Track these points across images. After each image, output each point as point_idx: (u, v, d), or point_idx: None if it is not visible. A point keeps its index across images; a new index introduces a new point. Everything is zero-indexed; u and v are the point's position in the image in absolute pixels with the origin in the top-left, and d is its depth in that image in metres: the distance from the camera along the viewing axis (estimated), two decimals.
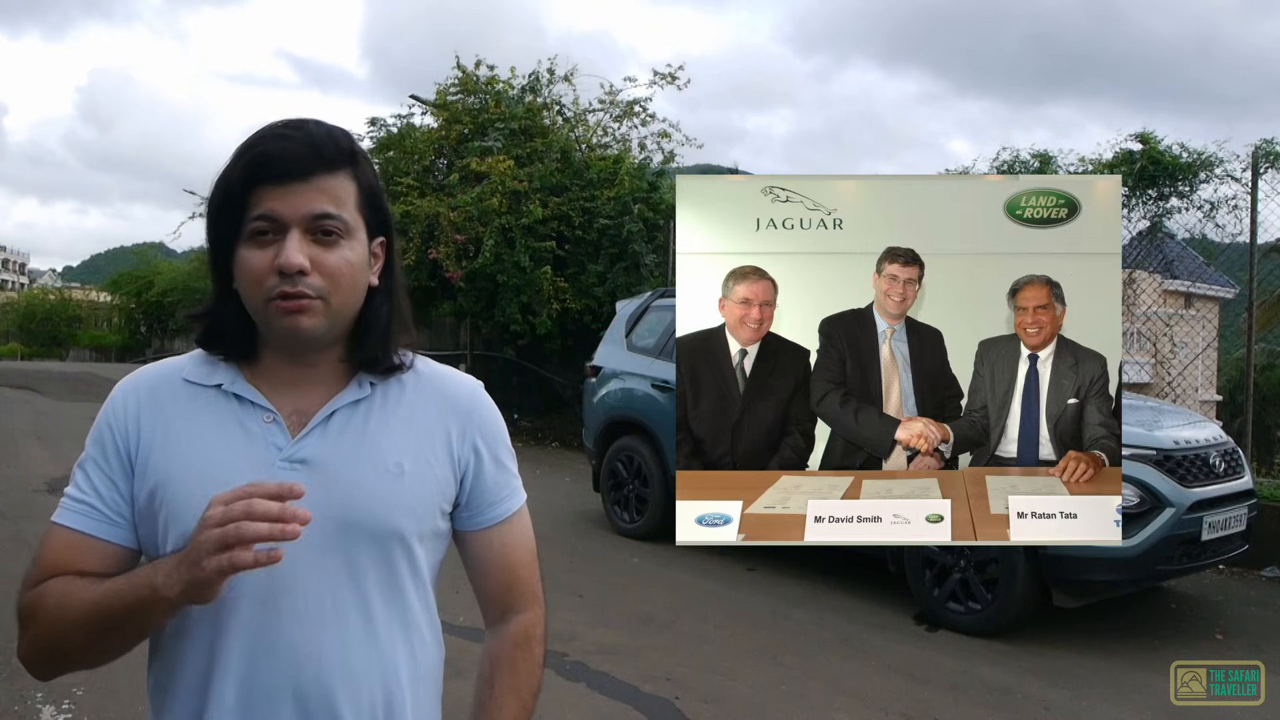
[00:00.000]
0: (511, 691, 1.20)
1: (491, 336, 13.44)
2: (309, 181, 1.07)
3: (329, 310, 1.09)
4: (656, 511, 6.56)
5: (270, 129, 1.10)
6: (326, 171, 1.09)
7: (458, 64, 12.96)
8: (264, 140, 1.09)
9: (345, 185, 1.10)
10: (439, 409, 1.21)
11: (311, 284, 1.07)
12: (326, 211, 1.08)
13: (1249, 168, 6.99)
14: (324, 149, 1.09)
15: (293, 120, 1.12)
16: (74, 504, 1.12)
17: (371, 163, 1.17)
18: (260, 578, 1.08)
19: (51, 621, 1.05)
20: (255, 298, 1.08)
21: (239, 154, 1.09)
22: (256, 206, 1.07)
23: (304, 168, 1.07)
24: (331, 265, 1.08)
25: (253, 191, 1.07)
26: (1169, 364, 8.25)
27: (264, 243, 1.07)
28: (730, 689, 4.06)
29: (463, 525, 1.23)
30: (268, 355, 1.16)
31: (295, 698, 1.08)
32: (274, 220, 1.07)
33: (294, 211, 1.07)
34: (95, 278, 75.72)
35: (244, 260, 1.08)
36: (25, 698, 3.75)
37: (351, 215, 1.11)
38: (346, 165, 1.11)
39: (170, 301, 29.93)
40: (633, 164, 12.32)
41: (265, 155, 1.07)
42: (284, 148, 1.07)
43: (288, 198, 1.06)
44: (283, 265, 1.05)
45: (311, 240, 1.08)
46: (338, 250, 1.09)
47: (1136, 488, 4.57)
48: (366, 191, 1.13)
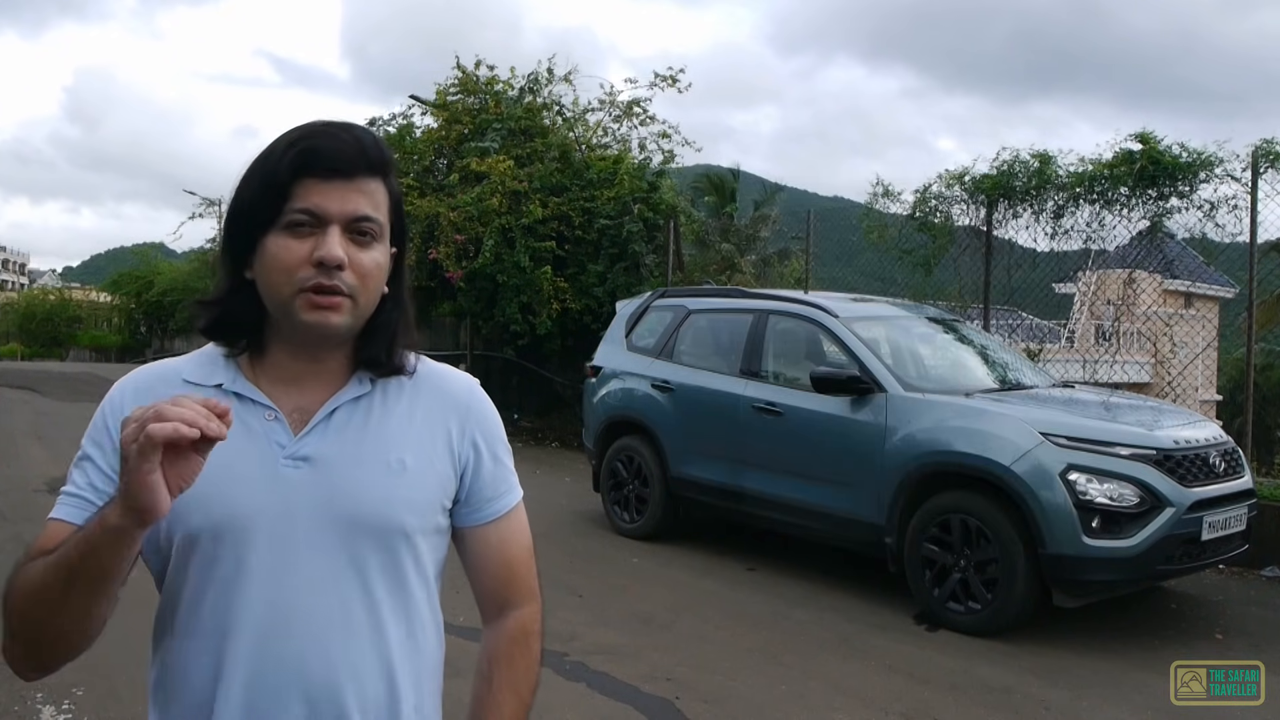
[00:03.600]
0: (509, 687, 1.21)
1: (491, 336, 13.44)
2: (353, 181, 1.10)
3: (355, 309, 1.11)
4: (656, 511, 6.56)
5: (319, 126, 1.13)
6: (369, 175, 1.11)
7: (457, 64, 12.98)
8: (314, 136, 1.10)
9: (381, 191, 1.13)
10: (439, 405, 1.22)
11: (346, 280, 1.09)
12: (367, 214, 1.10)
13: (1249, 168, 6.98)
14: (370, 153, 1.11)
15: (340, 122, 1.14)
16: (71, 499, 1.11)
17: None
18: (267, 577, 1.09)
19: (18, 598, 1.03)
20: (283, 288, 1.09)
21: (287, 145, 1.10)
22: (300, 199, 1.08)
23: (352, 167, 1.10)
24: (365, 265, 1.10)
25: (298, 183, 1.08)
26: (1169, 364, 8.25)
27: (301, 235, 1.08)
28: (730, 689, 4.06)
29: (461, 521, 1.24)
30: (274, 349, 1.16)
31: (302, 695, 1.08)
32: (316, 215, 1.08)
33: (339, 208, 1.08)
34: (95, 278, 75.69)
35: (277, 249, 1.08)
36: (25, 698, 3.75)
37: (384, 220, 1.14)
38: (385, 173, 1.14)
39: (170, 301, 29.91)
40: (632, 164, 12.32)
41: (315, 150, 1.09)
42: (334, 146, 1.09)
43: (333, 194, 1.08)
44: (325, 258, 1.07)
45: (348, 239, 1.10)
46: (370, 252, 1.11)
47: (1136, 488, 4.57)
48: (395, 200, 1.16)
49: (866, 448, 5.32)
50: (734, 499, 6.10)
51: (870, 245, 9.49)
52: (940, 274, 9.02)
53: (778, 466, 5.79)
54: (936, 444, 5.03)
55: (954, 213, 8.86)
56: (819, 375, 5.53)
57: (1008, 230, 8.61)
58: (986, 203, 8.47)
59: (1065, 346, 10.94)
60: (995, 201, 8.42)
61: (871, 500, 5.24)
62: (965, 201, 8.72)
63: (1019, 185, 8.26)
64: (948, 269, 9.01)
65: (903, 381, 5.38)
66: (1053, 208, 8.22)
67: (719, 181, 24.93)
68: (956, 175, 8.69)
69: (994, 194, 8.38)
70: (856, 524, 5.36)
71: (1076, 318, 11.69)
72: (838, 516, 5.46)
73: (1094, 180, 7.88)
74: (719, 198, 23.66)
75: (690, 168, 16.98)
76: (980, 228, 8.63)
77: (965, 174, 8.61)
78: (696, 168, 21.48)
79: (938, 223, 8.86)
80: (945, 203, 8.85)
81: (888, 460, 5.19)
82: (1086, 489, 4.56)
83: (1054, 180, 8.11)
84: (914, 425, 5.15)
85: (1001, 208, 8.45)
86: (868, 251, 9.86)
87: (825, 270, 11.14)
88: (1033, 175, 8.18)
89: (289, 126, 1.15)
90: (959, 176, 8.66)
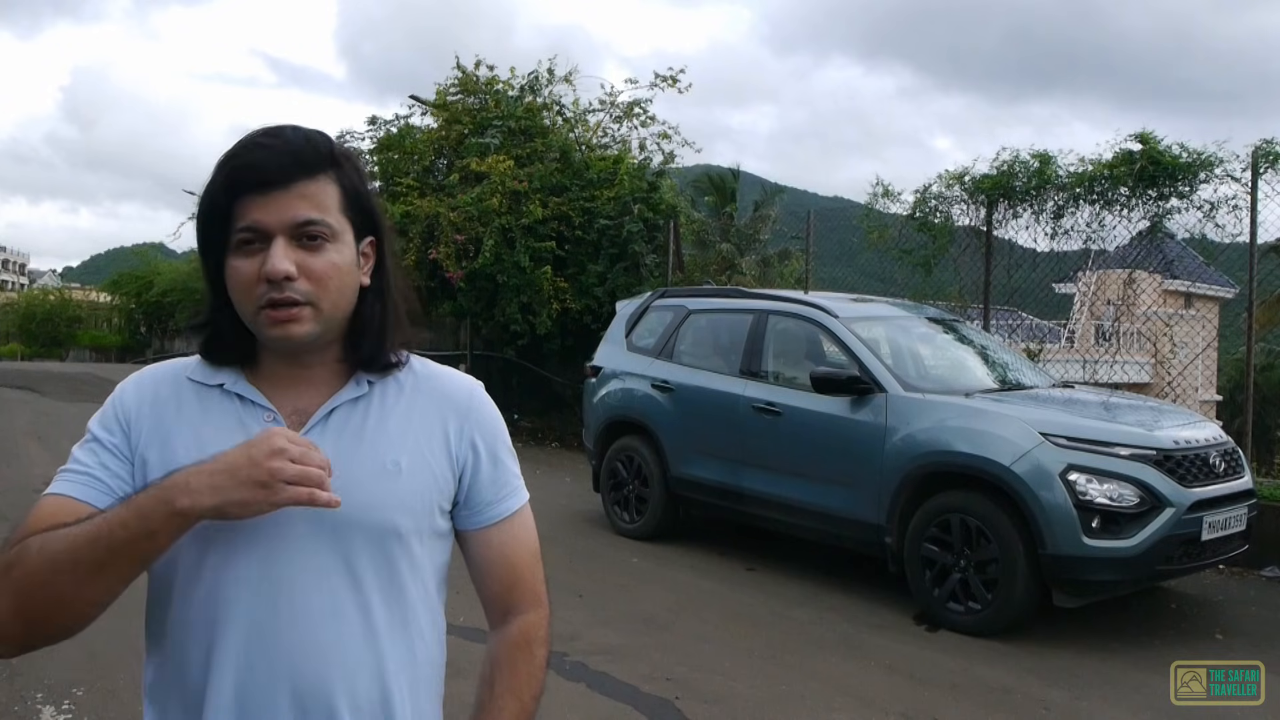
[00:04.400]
0: (511, 693, 1.20)
1: (491, 336, 13.43)
2: (290, 189, 1.09)
3: (319, 315, 1.11)
4: (656, 511, 6.56)
5: (249, 139, 1.12)
6: (306, 177, 1.10)
7: (457, 64, 12.98)
8: (243, 151, 1.10)
9: (327, 189, 1.12)
10: (437, 407, 1.22)
11: (299, 289, 1.09)
12: (309, 218, 1.09)
13: (1249, 168, 6.98)
14: (302, 155, 1.10)
15: (270, 128, 1.13)
16: (79, 475, 1.11)
17: (357, 163, 1.18)
18: (258, 577, 1.09)
19: (34, 568, 0.99)
20: (247, 307, 1.10)
21: (220, 166, 1.10)
22: (241, 218, 1.08)
23: (284, 175, 1.08)
24: (318, 269, 1.10)
25: (236, 203, 1.08)
26: (1169, 364, 8.25)
27: (251, 252, 1.09)
28: (730, 689, 4.06)
29: (463, 524, 1.23)
30: (266, 358, 1.17)
31: (292, 694, 1.09)
32: (258, 230, 1.08)
33: (277, 220, 1.08)
34: (95, 278, 75.68)
35: (233, 271, 1.10)
36: (25, 698, 3.75)
37: (336, 219, 1.12)
38: (327, 169, 1.12)
39: (170, 302, 29.89)
40: (633, 164, 12.32)
41: (245, 166, 1.09)
42: (263, 157, 1.09)
43: (270, 207, 1.08)
44: (268, 273, 1.07)
45: (297, 246, 1.09)
46: (323, 254, 1.10)
47: (1136, 488, 4.57)
48: (350, 193, 1.14)
49: (866, 448, 5.32)
50: (734, 499, 6.10)
51: (870, 245, 9.48)
52: (940, 274, 9.01)
53: (778, 466, 5.79)
54: (937, 444, 5.02)
55: (954, 213, 8.86)
56: (819, 375, 5.53)
57: (1008, 230, 8.61)
58: (986, 203, 8.47)
59: (1065, 346, 10.94)
60: (995, 201, 8.42)
61: (872, 500, 5.24)
62: (965, 201, 8.71)
63: (1019, 185, 8.25)
64: (947, 269, 9.00)
65: (902, 382, 5.38)
66: (1053, 208, 8.21)
67: (719, 181, 24.90)
68: (956, 175, 8.68)
69: (994, 194, 8.37)
70: (857, 524, 5.36)
71: (1076, 318, 11.70)
72: (838, 516, 5.47)
73: (1094, 180, 7.88)
74: (719, 198, 23.64)
75: (690, 168, 16.97)
76: (980, 228, 8.62)
77: (965, 174, 8.61)
78: (696, 168, 21.45)
79: (938, 223, 8.86)
80: (945, 203, 8.84)
81: (887, 460, 5.19)
82: (1086, 489, 4.56)
83: (1054, 180, 8.11)
84: (914, 425, 5.15)
85: (1001, 208, 8.45)
86: (867, 251, 9.85)
87: (825, 270, 11.14)
88: (1033, 175, 8.18)
89: None
90: (959, 176, 8.66)
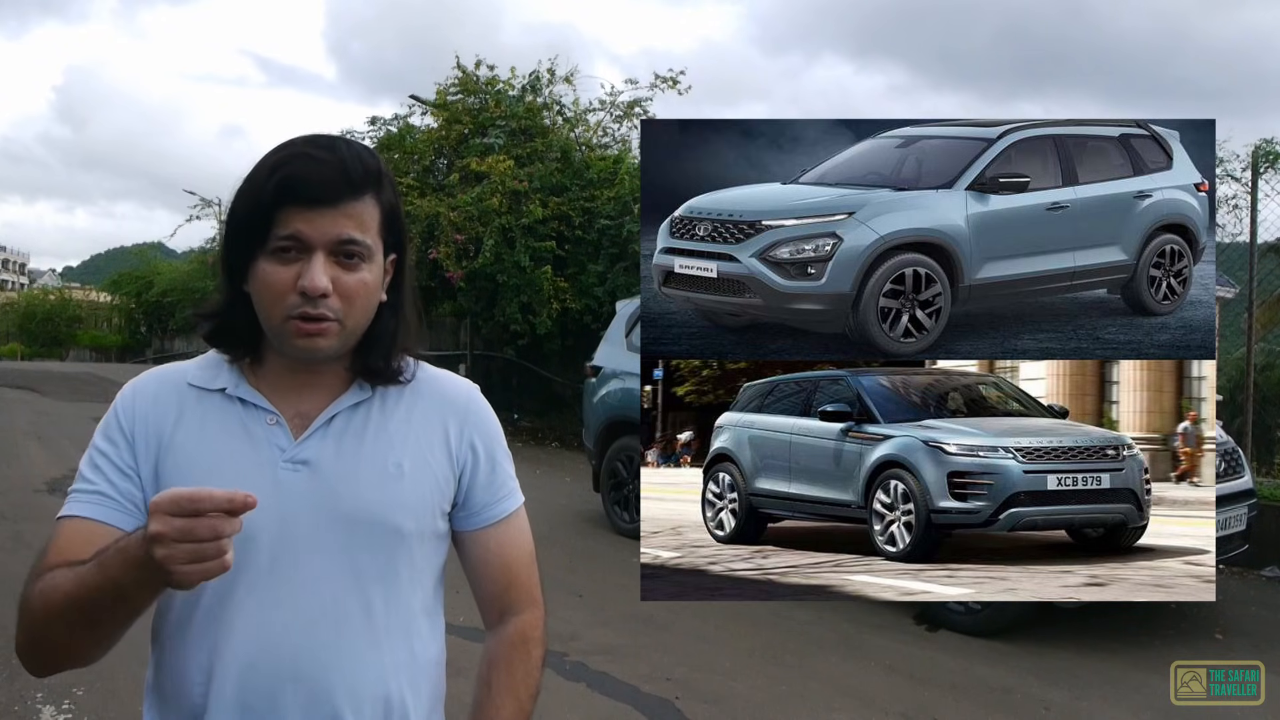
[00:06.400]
0: (508, 692, 1.21)
1: (491, 336, 13.44)
2: (337, 207, 1.09)
3: (344, 331, 1.11)
4: None
5: (300, 147, 1.11)
6: (354, 197, 1.10)
7: (458, 64, 12.99)
8: (294, 160, 1.09)
9: (370, 209, 1.12)
10: (437, 409, 1.22)
11: (331, 306, 1.09)
12: (352, 237, 1.09)
13: (1249, 167, 6.98)
14: (353, 174, 1.10)
15: (320, 138, 1.12)
16: (84, 495, 1.11)
17: (394, 181, 1.18)
18: (263, 578, 1.09)
19: (37, 615, 1.03)
20: (274, 313, 1.10)
21: (269, 171, 1.09)
22: (284, 225, 1.08)
23: (334, 193, 1.08)
24: (350, 287, 1.10)
25: (280, 210, 1.07)
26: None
27: (287, 260, 1.08)
28: (730, 689, 4.06)
29: (460, 526, 1.24)
30: (272, 360, 1.17)
31: (295, 695, 1.09)
32: (300, 241, 1.08)
33: (320, 235, 1.08)
34: (95, 278, 75.72)
35: (265, 274, 1.09)
36: (25, 698, 3.75)
37: (373, 238, 1.12)
38: (372, 188, 1.12)
39: (170, 302, 29.90)
40: (633, 164, 12.32)
41: (295, 178, 1.07)
42: (314, 170, 1.08)
43: (315, 221, 1.08)
44: (307, 288, 1.07)
45: (334, 261, 1.09)
46: (357, 273, 1.11)
47: None
48: (388, 212, 1.15)
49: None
50: None
51: None
52: None
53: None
54: None
55: None
56: None
57: None
58: None
59: None
60: None
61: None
62: None
63: None
64: None
65: None
66: None
67: None
68: None
69: None
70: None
71: None
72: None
73: None
74: None
75: None
76: None
77: None
78: None
79: None
80: None
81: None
82: None
83: None
84: None
85: None
86: None
87: None
88: None
89: (278, 139, 1.14)
90: None
